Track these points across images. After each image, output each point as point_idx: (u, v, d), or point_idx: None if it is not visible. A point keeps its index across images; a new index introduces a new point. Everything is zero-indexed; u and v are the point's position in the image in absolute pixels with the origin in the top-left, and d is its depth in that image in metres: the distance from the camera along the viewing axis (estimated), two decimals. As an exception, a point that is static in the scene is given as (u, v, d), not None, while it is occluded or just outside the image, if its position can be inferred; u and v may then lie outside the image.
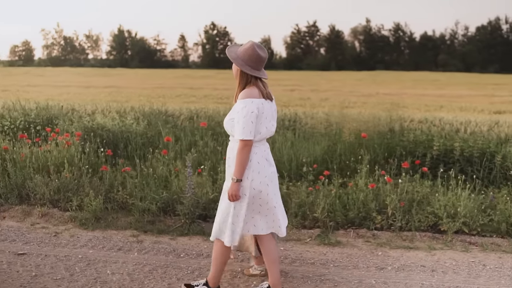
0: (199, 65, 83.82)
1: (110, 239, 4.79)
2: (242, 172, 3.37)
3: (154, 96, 18.42)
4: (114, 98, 17.42)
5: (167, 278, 3.96)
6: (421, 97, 22.33)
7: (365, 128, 6.58)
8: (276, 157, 6.33)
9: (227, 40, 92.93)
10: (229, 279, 4.01)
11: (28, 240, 4.74)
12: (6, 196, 5.76)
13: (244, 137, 3.28)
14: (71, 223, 5.25)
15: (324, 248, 4.69)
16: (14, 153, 6.40)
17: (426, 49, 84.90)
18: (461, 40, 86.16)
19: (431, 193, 5.45)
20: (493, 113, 14.72)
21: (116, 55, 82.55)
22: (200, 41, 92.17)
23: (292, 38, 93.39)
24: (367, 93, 24.19)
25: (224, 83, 32.02)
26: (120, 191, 5.64)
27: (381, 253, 4.59)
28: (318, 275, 4.06)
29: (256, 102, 3.30)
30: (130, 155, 6.83)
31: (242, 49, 3.39)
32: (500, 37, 79.48)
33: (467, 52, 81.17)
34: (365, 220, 5.18)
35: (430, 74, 49.41)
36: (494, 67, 71.34)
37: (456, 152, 6.02)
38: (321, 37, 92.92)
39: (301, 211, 5.23)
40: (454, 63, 77.50)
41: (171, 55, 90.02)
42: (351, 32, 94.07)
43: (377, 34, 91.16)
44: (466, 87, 30.51)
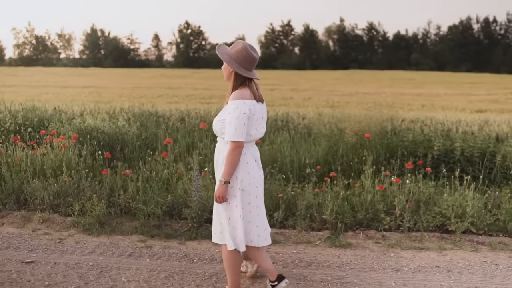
0: (173, 65, 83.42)
1: (118, 245, 4.68)
2: (231, 174, 3.32)
3: (136, 97, 18.20)
4: (95, 98, 17.13)
5: (185, 284, 3.88)
6: (399, 96, 22.60)
7: (359, 128, 6.57)
8: (277, 158, 6.31)
9: (201, 39, 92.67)
10: (249, 284, 3.95)
11: (33, 247, 4.59)
12: (3, 202, 5.58)
13: (235, 139, 3.23)
14: (73, 228, 5.11)
15: (336, 250, 4.66)
16: (7, 157, 6.21)
17: (399, 48, 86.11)
18: (433, 39, 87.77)
19: (436, 193, 5.48)
20: (475, 112, 14.99)
21: (89, 55, 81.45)
22: (174, 41, 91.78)
23: (267, 38, 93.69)
24: (347, 93, 24.38)
25: (203, 83, 31.92)
26: (122, 194, 5.52)
27: (393, 254, 4.59)
28: (336, 278, 4.03)
29: (248, 103, 3.25)
30: (127, 158, 6.70)
31: (234, 50, 3.34)
32: (472, 37, 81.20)
33: (439, 51, 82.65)
34: (373, 221, 5.18)
35: (405, 73, 50.15)
36: (466, 65, 72.89)
37: (456, 152, 6.07)
38: (296, 36, 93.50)
39: (309, 213, 5.19)
40: (427, 62, 78.82)
41: (145, 55, 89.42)
42: (325, 32, 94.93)
43: (351, 34, 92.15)
44: (442, 86, 31.00)
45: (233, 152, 3.27)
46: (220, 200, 3.35)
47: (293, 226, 5.19)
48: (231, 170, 3.30)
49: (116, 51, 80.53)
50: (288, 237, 4.97)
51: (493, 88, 28.36)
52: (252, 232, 3.50)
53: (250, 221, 3.48)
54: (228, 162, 3.29)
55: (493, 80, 38.14)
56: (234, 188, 3.37)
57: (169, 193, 5.52)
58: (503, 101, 20.07)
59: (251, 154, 3.46)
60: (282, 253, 4.57)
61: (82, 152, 6.28)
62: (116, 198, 5.49)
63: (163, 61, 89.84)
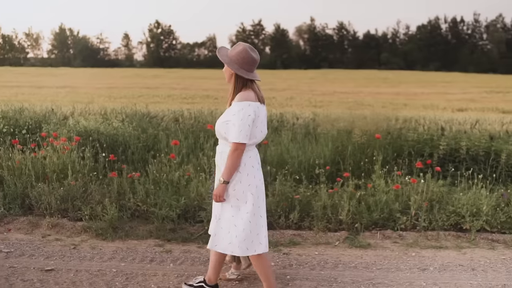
0: (144, 64, 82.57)
1: (136, 250, 4.56)
2: (231, 175, 3.30)
3: (116, 97, 17.94)
4: (74, 98, 16.77)
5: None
6: (378, 96, 22.87)
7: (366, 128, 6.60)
8: (285, 159, 6.28)
9: (172, 38, 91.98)
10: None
11: (48, 254, 4.43)
12: (8, 207, 5.38)
13: (239, 140, 3.22)
14: (85, 233, 4.97)
15: (357, 251, 4.66)
16: (7, 160, 6.01)
17: (369, 48, 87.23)
18: (402, 39, 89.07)
19: (448, 192, 5.54)
20: (456, 111, 15.28)
21: (58, 54, 79.84)
22: (144, 40, 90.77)
23: (238, 37, 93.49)
24: (326, 92, 24.55)
25: (180, 83, 31.73)
26: (132, 198, 5.39)
27: (414, 254, 4.61)
28: (366, 279, 4.02)
29: (253, 105, 3.25)
30: (130, 160, 6.56)
31: (234, 52, 3.32)
32: (440, 36, 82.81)
33: (408, 50, 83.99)
34: (388, 221, 5.20)
35: (379, 72, 50.86)
36: (435, 65, 74.28)
37: (462, 151, 6.15)
38: (266, 35, 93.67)
39: (325, 214, 5.17)
40: (396, 61, 79.98)
41: (114, 54, 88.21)
42: (296, 31, 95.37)
43: (321, 33, 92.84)
44: (417, 85, 31.53)
45: (234, 153, 3.26)
46: (218, 199, 3.34)
47: (309, 227, 5.16)
48: (232, 170, 3.29)
49: (86, 50, 79.13)
50: (306, 239, 4.94)
51: (467, 87, 29.01)
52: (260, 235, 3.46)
53: (263, 225, 3.47)
54: (229, 163, 3.27)
55: (464, 79, 38.99)
56: (245, 194, 3.35)
57: (180, 196, 5.42)
58: (480, 100, 20.54)
59: (255, 157, 3.46)
60: (305, 254, 4.53)
61: (85, 155, 6.11)
62: (126, 202, 5.37)
63: (134, 60, 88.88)
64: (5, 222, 5.20)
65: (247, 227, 3.37)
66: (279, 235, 4.98)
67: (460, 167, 6.12)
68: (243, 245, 3.39)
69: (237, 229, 3.37)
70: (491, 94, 24.06)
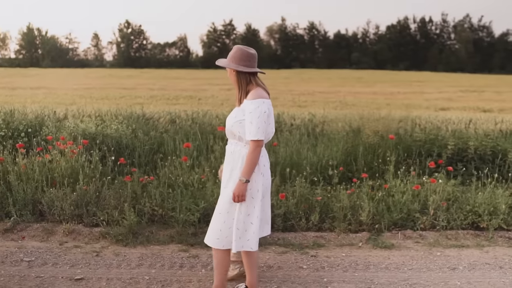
0: (114, 64, 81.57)
1: (162, 256, 4.47)
2: (251, 173, 3.32)
3: (97, 98, 17.62)
4: (55, 100, 16.40)
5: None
6: (358, 95, 23.12)
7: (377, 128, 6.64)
8: (295, 160, 6.26)
9: (142, 38, 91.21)
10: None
11: (72, 262, 4.30)
12: (19, 213, 5.20)
13: (258, 137, 3.26)
14: (103, 240, 4.84)
15: (383, 252, 4.68)
16: (12, 165, 5.81)
17: (340, 48, 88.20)
18: (372, 39, 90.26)
19: (463, 191, 5.61)
20: (439, 110, 15.54)
21: (26, 54, 78.05)
22: (114, 40, 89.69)
23: (209, 37, 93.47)
24: (305, 92, 24.67)
25: (155, 83, 31.42)
26: (148, 202, 5.28)
27: (439, 253, 4.66)
28: (402, 280, 4.04)
29: (266, 102, 3.31)
30: (137, 163, 6.43)
31: (230, 54, 3.41)
32: (409, 36, 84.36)
33: (378, 50, 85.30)
34: (407, 221, 5.24)
35: (352, 72, 51.40)
36: (404, 64, 75.58)
37: (470, 151, 6.25)
38: (238, 35, 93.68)
39: (345, 215, 5.17)
40: (366, 60, 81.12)
41: (84, 54, 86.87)
42: (267, 31, 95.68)
43: (292, 33, 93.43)
44: (392, 84, 32.00)
45: (255, 151, 3.29)
46: (238, 199, 3.32)
47: (329, 229, 5.16)
48: (251, 169, 3.31)
49: (54, 50, 77.63)
50: (329, 240, 4.93)
51: (441, 86, 29.58)
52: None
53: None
54: (249, 161, 3.29)
55: (438, 78, 39.75)
56: (252, 190, 3.36)
57: (196, 199, 5.34)
58: (457, 99, 20.96)
59: (265, 156, 3.50)
60: (333, 256, 4.52)
61: (93, 158, 5.96)
62: (142, 206, 5.26)
63: (104, 61, 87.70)
64: (18, 229, 5.03)
65: (258, 223, 3.39)
66: (301, 237, 4.96)
67: (468, 167, 6.21)
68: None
69: (253, 226, 3.37)
70: (466, 93, 24.60)
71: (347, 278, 4.06)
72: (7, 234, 4.95)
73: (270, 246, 4.74)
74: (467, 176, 6.11)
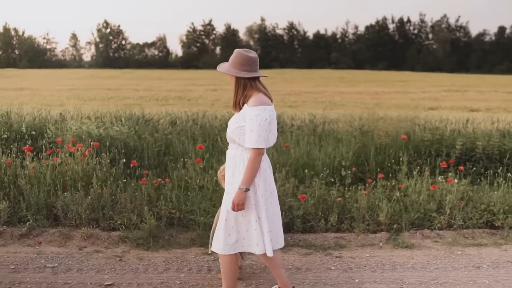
0: (92, 65, 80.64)
1: (186, 260, 4.42)
2: (252, 181, 3.26)
3: (85, 99, 17.39)
4: (42, 101, 16.11)
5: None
6: (343, 95, 23.23)
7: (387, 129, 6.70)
8: (306, 161, 6.28)
9: (121, 38, 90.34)
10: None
11: (96, 268, 4.22)
12: (34, 218, 5.09)
13: (258, 145, 3.18)
14: (123, 244, 4.78)
15: (405, 251, 4.71)
16: (20, 168, 5.71)
17: (319, 48, 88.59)
18: (351, 39, 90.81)
19: (474, 191, 5.69)
20: (428, 109, 15.72)
21: (2, 55, 76.54)
22: (93, 40, 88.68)
23: (188, 37, 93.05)
24: (292, 92, 24.69)
25: (139, 83, 31.17)
26: (164, 205, 5.23)
27: (460, 252, 4.72)
28: (431, 280, 4.07)
29: (268, 109, 3.23)
30: (147, 165, 6.36)
31: (230, 60, 3.34)
32: (388, 36, 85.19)
33: (357, 50, 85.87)
34: (423, 221, 5.29)
35: (333, 71, 51.65)
36: (383, 64, 76.33)
37: (478, 150, 6.35)
38: (217, 35, 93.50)
39: (362, 216, 5.20)
40: (345, 60, 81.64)
41: (62, 55, 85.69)
42: (247, 31, 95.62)
43: (271, 33, 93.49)
44: (375, 84, 32.28)
45: (256, 159, 3.22)
46: (237, 208, 3.25)
47: (348, 229, 5.18)
48: (252, 177, 3.24)
49: (32, 51, 76.36)
50: (349, 241, 4.95)
51: (424, 86, 29.96)
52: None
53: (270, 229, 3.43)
54: (249, 169, 3.22)
55: (419, 78, 40.24)
56: (257, 195, 3.32)
57: (212, 201, 5.31)
58: (442, 99, 21.27)
59: (267, 161, 3.45)
60: (358, 257, 4.54)
61: (103, 161, 5.88)
62: (159, 209, 5.20)
63: (82, 61, 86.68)
64: (34, 234, 4.93)
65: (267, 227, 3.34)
66: (322, 238, 4.97)
67: (476, 166, 6.30)
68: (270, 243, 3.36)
69: (257, 231, 3.33)
70: (450, 93, 24.97)
71: (378, 278, 4.08)
72: (23, 240, 4.85)
73: (292, 248, 4.73)
74: (475, 175, 6.20)
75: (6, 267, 4.22)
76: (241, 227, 3.36)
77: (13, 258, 4.42)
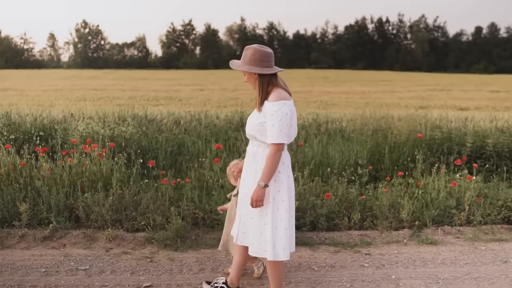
0: (71, 65, 79.63)
1: (218, 260, 4.40)
2: (271, 177, 3.27)
3: (75, 99, 17.21)
4: (31, 102, 15.88)
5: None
6: (331, 95, 23.38)
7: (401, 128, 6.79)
8: (320, 160, 6.32)
9: (100, 38, 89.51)
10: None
11: (129, 269, 4.17)
12: (56, 220, 5.02)
13: (280, 141, 3.20)
14: (149, 245, 4.74)
15: (431, 248, 4.78)
16: (34, 169, 5.63)
17: (299, 47, 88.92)
18: (331, 39, 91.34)
19: (488, 187, 5.81)
20: (418, 108, 15.91)
21: (-21, 55, 75.05)
22: (71, 40, 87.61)
23: (168, 37, 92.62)
24: (279, 91, 24.67)
25: (124, 84, 30.97)
26: (187, 205, 5.21)
27: (483, 247, 4.81)
28: (464, 274, 4.14)
29: (288, 104, 3.25)
30: (161, 165, 6.32)
31: (248, 57, 3.29)
32: (367, 36, 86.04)
33: (337, 50, 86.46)
34: (442, 217, 5.38)
35: (317, 71, 51.89)
36: (362, 64, 77.07)
37: (488, 148, 6.48)
38: (197, 35, 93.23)
39: (384, 213, 5.26)
40: (325, 60, 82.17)
41: (40, 55, 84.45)
42: (227, 31, 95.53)
43: (251, 33, 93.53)
44: (359, 83, 32.56)
45: (276, 154, 3.23)
46: (256, 204, 3.25)
47: (370, 227, 5.23)
48: (271, 173, 3.25)
49: (9, 51, 75.08)
50: (374, 238, 5.00)
51: (409, 85, 30.34)
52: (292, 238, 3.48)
53: (293, 225, 3.47)
54: (269, 165, 3.23)
55: (403, 77, 40.75)
56: (281, 193, 3.33)
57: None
58: (429, 98, 21.59)
59: (288, 156, 3.45)
60: (387, 254, 4.59)
61: (120, 161, 5.82)
62: (182, 210, 5.17)
63: (60, 61, 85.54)
64: (57, 236, 4.86)
65: (288, 227, 3.36)
66: (347, 236, 5.01)
67: (487, 163, 6.43)
68: (288, 244, 3.37)
69: (278, 231, 3.32)
70: (435, 92, 25.34)
71: (413, 274, 4.14)
72: (46, 242, 4.78)
73: (320, 246, 4.76)
74: (486, 172, 6.31)
75: (37, 270, 4.15)
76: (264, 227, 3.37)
77: (40, 261, 4.35)
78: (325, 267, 4.27)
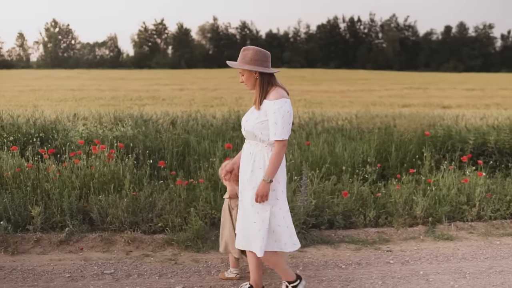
0: (41, 65, 78.14)
1: (245, 261, 4.37)
2: (275, 172, 3.34)
3: (55, 100, 16.87)
4: (10, 102, 15.43)
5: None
6: (312, 94, 23.45)
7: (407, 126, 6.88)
8: (327, 158, 6.36)
9: (70, 38, 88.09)
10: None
11: (156, 272, 4.11)
12: (71, 223, 4.91)
13: (284, 137, 3.27)
14: (169, 247, 4.69)
15: (448, 243, 4.87)
16: (38, 171, 5.51)
17: (272, 47, 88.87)
18: (303, 38, 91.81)
19: (494, 183, 5.94)
20: (402, 106, 16.14)
21: None
22: (41, 40, 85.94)
23: (140, 36, 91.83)
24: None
25: (102, 84, 30.46)
26: (202, 206, 5.17)
27: (498, 242, 4.92)
28: (488, 269, 4.22)
29: (288, 102, 3.33)
30: (169, 165, 6.26)
31: (249, 57, 3.34)
32: (339, 35, 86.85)
33: (309, 49, 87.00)
34: (454, 213, 5.48)
35: (293, 70, 52.05)
36: (335, 63, 77.80)
37: (490, 145, 6.62)
38: (169, 35, 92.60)
39: (398, 210, 5.32)
40: (298, 59, 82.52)
41: (8, 55, 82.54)
42: (199, 30, 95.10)
43: (224, 32, 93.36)
44: (337, 83, 32.83)
45: (281, 151, 3.30)
46: (261, 199, 3.31)
47: (385, 224, 5.29)
48: (276, 169, 3.32)
49: (-24, 51, 73.15)
50: (391, 235, 5.07)
51: (385, 84, 30.75)
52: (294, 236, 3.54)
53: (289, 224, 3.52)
54: (274, 161, 3.30)
55: (379, 76, 41.30)
56: (276, 191, 3.40)
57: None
58: (407, 96, 21.94)
59: (284, 156, 3.51)
60: (408, 250, 4.66)
61: (129, 163, 5.75)
62: (198, 210, 5.13)
63: (29, 61, 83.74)
64: (73, 240, 4.76)
65: (289, 223, 3.47)
66: (364, 233, 5.06)
67: (490, 160, 6.57)
68: (292, 240, 3.47)
69: (280, 228, 3.40)
70: (412, 91, 25.74)
71: (439, 269, 4.20)
72: (63, 246, 4.67)
73: (340, 244, 4.80)
74: (488, 169, 6.46)
75: (60, 275, 4.06)
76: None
77: (61, 266, 4.25)
78: (351, 265, 4.30)
